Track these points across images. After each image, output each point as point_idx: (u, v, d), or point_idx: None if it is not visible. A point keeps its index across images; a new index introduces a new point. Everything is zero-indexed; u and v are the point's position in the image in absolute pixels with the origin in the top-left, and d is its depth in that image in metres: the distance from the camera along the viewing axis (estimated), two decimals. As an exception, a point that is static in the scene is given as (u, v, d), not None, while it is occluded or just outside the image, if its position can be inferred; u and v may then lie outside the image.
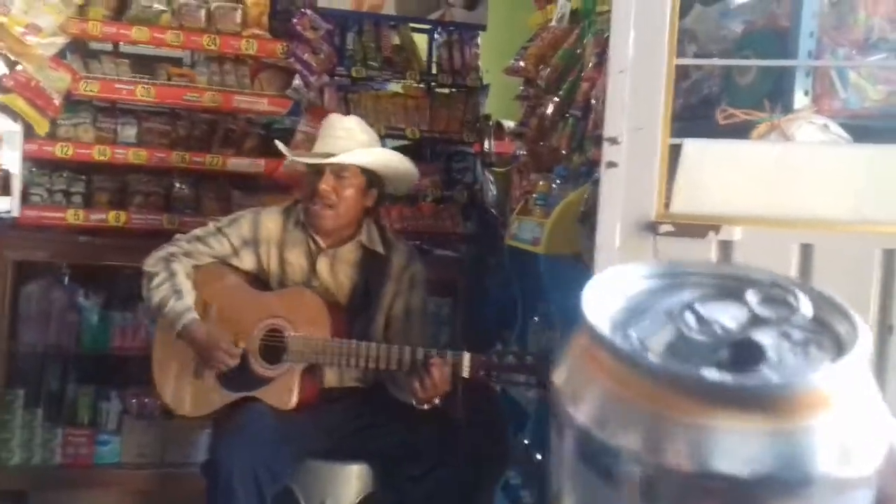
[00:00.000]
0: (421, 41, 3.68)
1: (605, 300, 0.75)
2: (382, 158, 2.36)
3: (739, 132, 1.69)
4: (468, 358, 2.11)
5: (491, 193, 3.68)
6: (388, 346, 2.16)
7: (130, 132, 3.21)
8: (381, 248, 2.36)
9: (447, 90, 3.63)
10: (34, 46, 2.94)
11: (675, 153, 1.60)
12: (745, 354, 0.70)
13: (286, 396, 2.20)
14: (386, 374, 2.22)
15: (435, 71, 3.61)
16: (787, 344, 0.71)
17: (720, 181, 1.57)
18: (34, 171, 3.12)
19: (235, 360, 2.21)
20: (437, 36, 3.64)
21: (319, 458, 2.25)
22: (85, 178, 3.19)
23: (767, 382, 0.67)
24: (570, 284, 2.32)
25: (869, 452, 0.69)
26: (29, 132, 3.01)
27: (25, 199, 3.06)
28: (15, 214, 3.01)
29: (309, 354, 2.19)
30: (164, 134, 3.24)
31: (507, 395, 2.79)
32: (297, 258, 2.34)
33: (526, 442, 2.58)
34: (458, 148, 3.63)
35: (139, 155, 3.13)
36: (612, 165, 1.60)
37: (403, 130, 3.47)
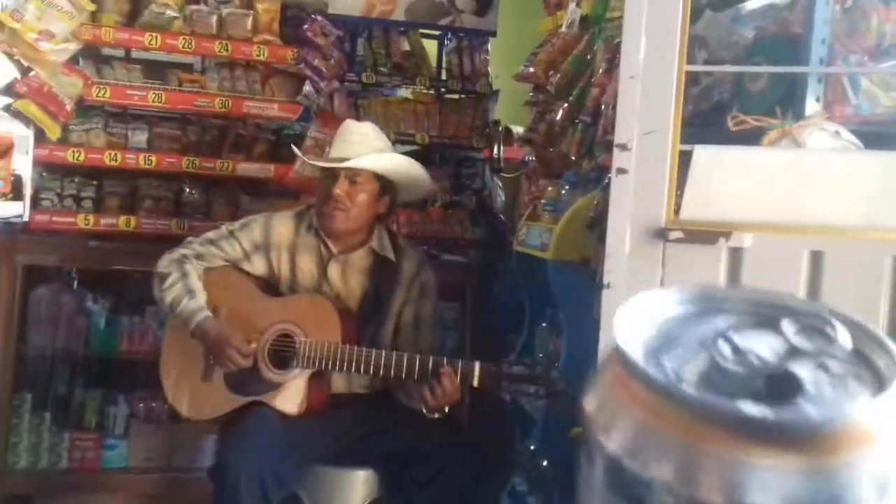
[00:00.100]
0: (431, 47, 3.68)
1: (636, 327, 0.72)
2: (397, 165, 2.36)
3: (750, 138, 1.68)
4: (479, 367, 2.11)
5: (500, 199, 3.68)
6: (398, 354, 2.16)
7: (141, 137, 3.22)
8: (392, 254, 2.36)
9: (457, 96, 3.63)
10: (47, 52, 2.95)
11: (685, 159, 1.59)
12: (781, 386, 0.67)
13: (294, 402, 2.21)
14: (395, 381, 2.21)
15: (444, 77, 3.62)
16: (824, 376, 0.68)
17: (730, 188, 1.56)
18: (45, 175, 3.14)
19: (248, 360, 2.21)
20: (446, 42, 3.65)
21: (326, 463, 2.25)
22: (95, 182, 3.20)
23: (807, 418, 0.64)
24: (578, 290, 2.33)
25: None
26: (40, 137, 3.03)
27: (36, 203, 3.07)
28: (25, 219, 3.03)
29: (319, 360, 2.19)
30: (174, 139, 3.26)
31: (514, 401, 2.78)
32: (308, 264, 2.34)
33: (532, 448, 2.57)
34: (467, 153, 3.63)
35: (149, 160, 3.14)
36: (622, 171, 1.60)
37: (413, 136, 3.47)
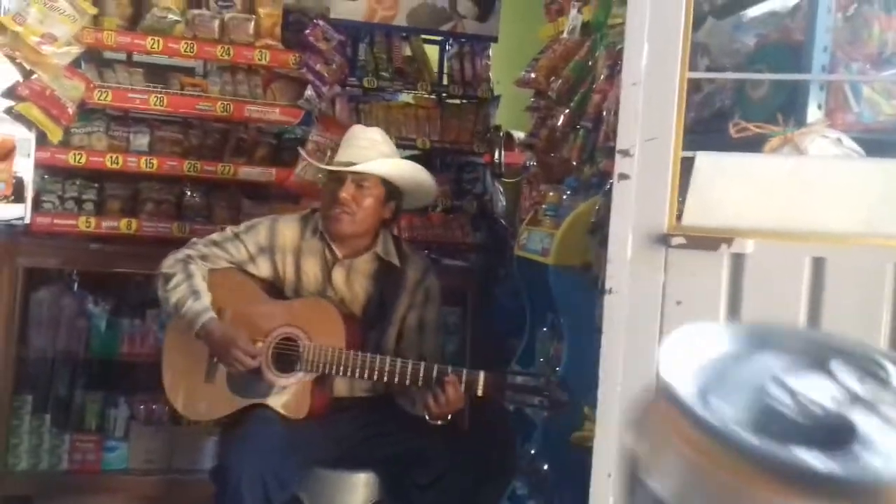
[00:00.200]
0: (432, 52, 3.69)
1: (684, 364, 0.70)
2: (404, 170, 2.36)
3: (752, 146, 1.69)
4: (483, 377, 2.11)
5: (500, 204, 3.69)
6: (403, 360, 2.17)
7: (143, 141, 3.22)
8: (396, 260, 2.37)
9: (458, 101, 3.64)
10: (49, 56, 2.95)
11: (687, 166, 1.60)
12: (836, 433, 0.65)
13: (297, 405, 2.21)
14: (398, 387, 2.22)
15: (446, 82, 3.63)
16: (881, 423, 0.66)
17: (732, 194, 1.57)
18: (46, 178, 3.14)
19: (255, 361, 2.20)
20: (448, 47, 3.66)
21: (327, 466, 2.25)
22: (97, 185, 3.20)
23: (868, 470, 0.61)
24: (579, 295, 2.34)
25: None
26: (41, 140, 3.03)
27: (37, 206, 3.07)
28: (27, 221, 3.03)
29: (322, 365, 2.20)
30: (176, 143, 3.26)
31: (517, 410, 2.78)
32: (312, 267, 2.34)
33: (532, 452, 2.58)
34: (468, 158, 3.64)
35: (151, 163, 3.14)
36: (624, 177, 1.61)
37: (414, 141, 3.48)
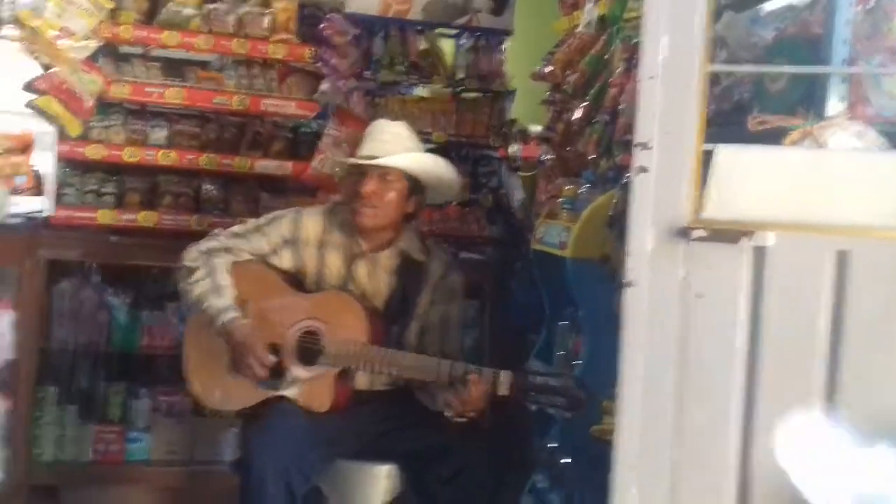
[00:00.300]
0: (447, 46, 3.70)
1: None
2: (428, 165, 2.36)
3: (771, 139, 1.69)
4: (506, 377, 2.10)
5: (516, 197, 3.69)
6: (426, 357, 2.17)
7: (160, 134, 3.25)
8: (420, 255, 2.37)
9: (473, 95, 3.64)
10: (67, 50, 2.97)
11: (706, 159, 1.60)
12: None
13: (320, 399, 2.22)
14: (420, 383, 2.22)
15: (461, 76, 3.63)
16: None
17: (753, 187, 1.57)
18: (67, 171, 3.17)
19: (264, 370, 2.22)
20: (463, 41, 3.66)
21: (348, 458, 2.27)
22: (116, 178, 3.23)
23: None
24: (597, 288, 2.34)
25: None
26: (61, 134, 3.06)
27: (58, 199, 3.10)
28: (48, 214, 3.06)
29: (345, 359, 2.21)
30: (193, 136, 3.28)
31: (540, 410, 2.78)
32: (335, 261, 2.35)
33: (552, 446, 2.59)
34: (483, 152, 3.64)
35: (169, 156, 3.17)
36: (643, 170, 1.61)
37: (430, 135, 3.48)
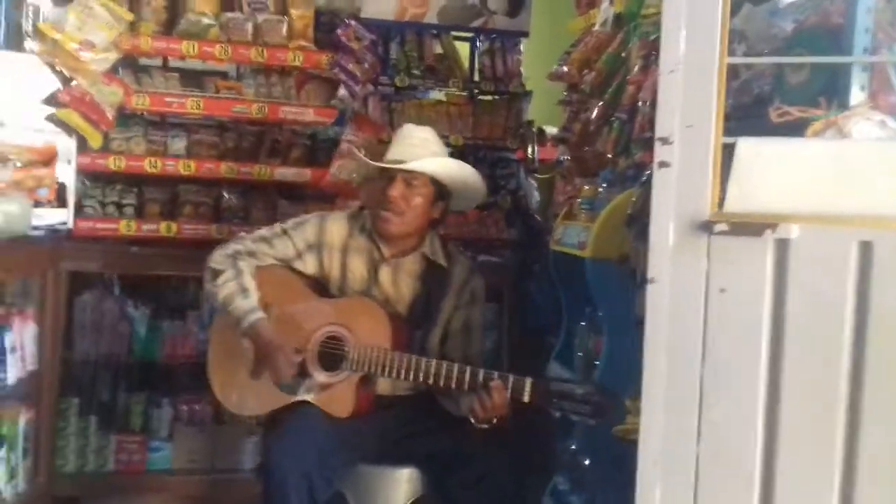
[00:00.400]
0: (463, 49, 3.70)
1: None
2: (455, 171, 2.35)
3: (793, 130, 1.67)
4: (530, 384, 2.09)
5: (535, 199, 3.68)
6: (449, 364, 2.16)
7: (180, 144, 3.28)
8: (443, 260, 2.37)
9: (490, 97, 3.64)
10: (88, 62, 3.01)
11: (727, 152, 1.59)
12: None
13: (342, 404, 2.22)
14: (443, 390, 2.21)
15: (477, 78, 3.63)
16: None
17: (775, 179, 1.55)
18: (87, 183, 3.20)
19: (292, 371, 2.22)
20: (478, 43, 3.66)
21: (370, 462, 2.26)
22: (136, 190, 3.26)
23: None
24: (617, 288, 2.32)
25: None
26: (82, 145, 3.09)
27: (79, 211, 3.13)
28: (70, 226, 3.09)
29: (369, 365, 2.20)
30: (212, 146, 3.31)
31: (563, 417, 2.76)
32: (359, 265, 2.35)
33: (574, 447, 2.56)
34: (501, 154, 3.64)
35: (189, 166, 3.19)
36: (664, 165, 1.59)
37: (447, 138, 3.47)
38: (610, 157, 2.64)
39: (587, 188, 2.68)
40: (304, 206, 3.21)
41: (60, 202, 3.08)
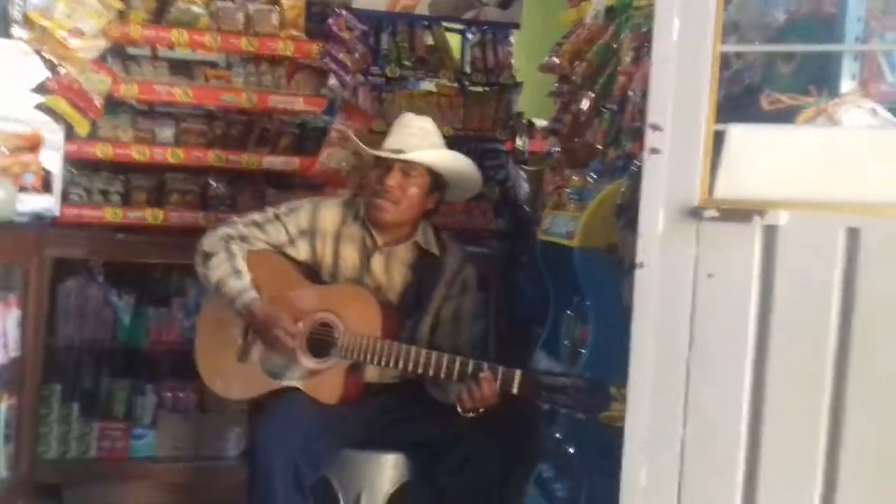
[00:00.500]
0: (454, 40, 3.70)
1: None
2: (452, 162, 2.35)
3: (783, 119, 1.68)
4: (520, 376, 2.09)
5: (523, 190, 3.69)
6: (438, 353, 2.16)
7: (168, 133, 3.25)
8: (436, 249, 2.37)
9: (480, 88, 3.65)
10: (76, 49, 2.97)
11: (717, 140, 1.59)
12: None
13: (330, 391, 2.21)
14: (432, 378, 2.21)
15: (468, 70, 3.63)
16: None
17: (765, 166, 1.55)
18: (73, 171, 3.17)
19: (296, 340, 2.21)
20: (469, 35, 3.67)
21: (356, 447, 2.26)
22: (123, 177, 3.23)
23: None
24: (605, 277, 2.33)
25: None
26: (69, 133, 3.06)
27: (65, 198, 3.10)
28: (55, 213, 3.06)
29: (358, 352, 2.20)
30: (200, 134, 3.28)
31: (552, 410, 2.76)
32: (351, 253, 2.34)
33: (558, 435, 2.57)
34: (490, 145, 3.64)
35: (176, 154, 3.16)
36: (655, 152, 1.60)
37: (437, 129, 3.48)
38: (600, 147, 2.65)
39: (576, 178, 2.69)
40: (292, 194, 3.17)
41: (46, 189, 3.04)
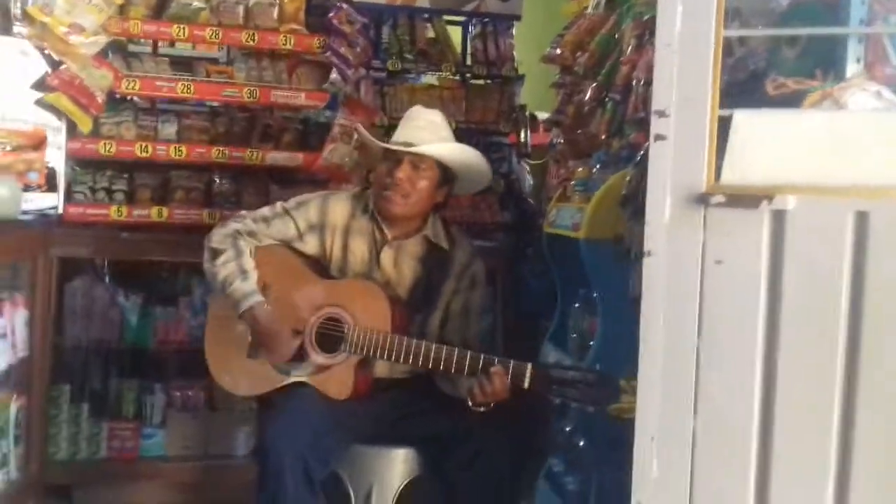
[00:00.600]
0: (455, 33, 3.69)
1: None
2: (462, 156, 2.34)
3: (789, 103, 1.67)
4: (531, 370, 2.08)
5: (527, 183, 3.68)
6: (448, 348, 2.15)
7: (171, 129, 3.24)
8: (445, 243, 2.36)
9: (482, 81, 3.64)
10: (77, 46, 2.97)
11: (723, 125, 1.58)
12: None
13: (340, 386, 2.21)
14: (442, 373, 2.20)
15: (470, 62, 3.62)
16: None
17: (772, 151, 1.54)
18: (77, 169, 3.17)
19: (288, 355, 2.22)
20: (471, 28, 3.66)
21: (366, 443, 2.25)
22: (127, 175, 3.22)
23: None
24: (612, 267, 2.32)
25: None
26: (72, 130, 3.06)
27: (69, 196, 3.10)
28: (59, 211, 3.06)
29: (368, 347, 2.19)
30: (203, 130, 3.27)
31: (563, 404, 2.75)
32: (360, 247, 2.33)
33: (568, 429, 2.57)
34: (493, 139, 3.63)
35: (180, 151, 3.16)
36: (660, 138, 1.59)
37: (439, 122, 3.47)
38: (603, 138, 2.64)
39: (581, 170, 2.68)
40: (295, 190, 3.16)
41: (50, 187, 3.05)
